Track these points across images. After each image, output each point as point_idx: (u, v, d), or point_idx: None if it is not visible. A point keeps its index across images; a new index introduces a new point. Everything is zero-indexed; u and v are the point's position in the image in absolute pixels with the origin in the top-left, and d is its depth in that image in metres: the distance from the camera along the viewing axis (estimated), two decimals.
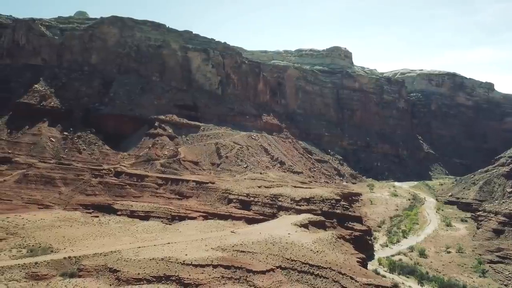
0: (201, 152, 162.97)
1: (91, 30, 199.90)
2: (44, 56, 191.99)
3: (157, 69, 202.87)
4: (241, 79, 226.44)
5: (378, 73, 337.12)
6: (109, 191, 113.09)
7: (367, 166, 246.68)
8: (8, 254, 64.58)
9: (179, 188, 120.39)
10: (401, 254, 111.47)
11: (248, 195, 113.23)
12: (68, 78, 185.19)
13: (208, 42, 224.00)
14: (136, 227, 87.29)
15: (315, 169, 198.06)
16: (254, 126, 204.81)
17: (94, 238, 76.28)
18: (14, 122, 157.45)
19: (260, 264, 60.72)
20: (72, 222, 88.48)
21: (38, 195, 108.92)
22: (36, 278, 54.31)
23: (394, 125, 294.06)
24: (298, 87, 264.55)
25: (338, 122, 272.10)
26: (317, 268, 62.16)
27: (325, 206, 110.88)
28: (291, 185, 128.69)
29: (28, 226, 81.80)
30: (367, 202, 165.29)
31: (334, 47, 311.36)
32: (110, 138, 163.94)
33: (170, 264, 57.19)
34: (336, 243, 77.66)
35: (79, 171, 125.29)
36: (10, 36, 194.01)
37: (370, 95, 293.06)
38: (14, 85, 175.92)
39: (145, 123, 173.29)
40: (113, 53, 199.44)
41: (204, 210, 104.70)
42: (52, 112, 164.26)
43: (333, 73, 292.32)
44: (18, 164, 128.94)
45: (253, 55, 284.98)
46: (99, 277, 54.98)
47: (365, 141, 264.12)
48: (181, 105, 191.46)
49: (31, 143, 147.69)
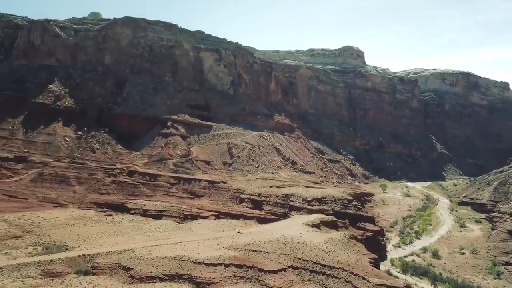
0: (213, 151, 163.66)
1: (104, 30, 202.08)
2: (58, 57, 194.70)
3: (169, 69, 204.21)
4: (253, 79, 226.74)
5: (390, 72, 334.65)
6: (122, 190, 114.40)
7: (380, 166, 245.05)
8: (24, 252, 65.70)
9: (191, 188, 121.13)
10: (414, 255, 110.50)
11: (259, 194, 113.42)
12: (82, 78, 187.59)
13: (220, 42, 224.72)
14: (149, 226, 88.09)
15: (327, 169, 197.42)
16: (265, 126, 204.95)
17: (107, 237, 77.19)
18: (29, 122, 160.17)
19: (271, 264, 60.83)
20: (86, 220, 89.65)
21: (53, 193, 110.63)
22: (51, 275, 55.18)
23: (407, 125, 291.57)
24: (310, 87, 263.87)
25: (350, 121, 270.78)
26: (329, 268, 62.05)
27: (337, 206, 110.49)
28: (303, 185, 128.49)
29: (44, 224, 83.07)
30: (379, 203, 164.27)
31: (346, 46, 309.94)
32: (123, 138, 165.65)
33: (183, 263, 57.63)
34: (348, 243, 77.42)
35: (93, 170, 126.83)
36: (26, 37, 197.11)
37: (383, 95, 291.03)
38: (29, 85, 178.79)
39: (158, 123, 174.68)
40: (126, 54, 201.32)
41: (216, 210, 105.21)
42: (66, 112, 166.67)
43: (345, 72, 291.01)
44: (34, 163, 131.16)
45: (265, 55, 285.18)
46: (113, 275, 55.66)
47: (377, 141, 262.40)
48: (193, 105, 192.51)
49: (46, 142, 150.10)
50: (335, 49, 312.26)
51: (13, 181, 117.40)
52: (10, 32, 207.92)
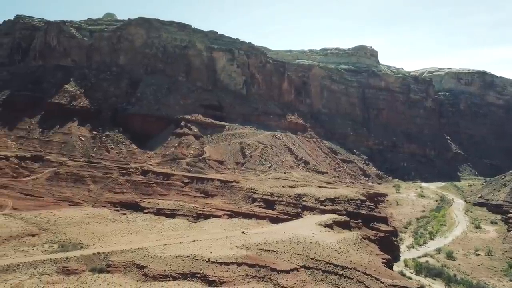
0: (226, 151, 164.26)
1: (119, 31, 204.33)
2: (74, 57, 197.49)
3: (183, 69, 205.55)
4: (266, 78, 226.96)
5: (404, 72, 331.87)
6: (136, 189, 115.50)
7: (393, 166, 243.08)
8: (40, 249, 66.85)
9: (204, 187, 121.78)
10: (428, 256, 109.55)
11: (272, 194, 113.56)
12: (97, 79, 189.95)
13: (233, 42, 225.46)
14: (162, 225, 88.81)
15: (340, 169, 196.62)
16: (278, 125, 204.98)
17: (122, 235, 78.05)
18: (46, 122, 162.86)
19: (284, 263, 60.94)
20: (100, 219, 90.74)
21: (68, 192, 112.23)
22: (67, 273, 56.06)
23: (421, 124, 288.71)
24: (323, 86, 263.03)
25: (363, 121, 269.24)
26: (342, 268, 61.95)
27: (350, 206, 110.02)
28: (316, 185, 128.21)
29: (59, 222, 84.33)
30: (393, 203, 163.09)
31: (359, 46, 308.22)
32: (137, 137, 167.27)
33: (195, 262, 58.09)
34: (361, 243, 77.13)
35: (107, 170, 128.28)
36: (42, 38, 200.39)
37: (397, 94, 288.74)
38: (46, 86, 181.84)
39: (171, 123, 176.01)
40: (140, 54, 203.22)
41: (228, 209, 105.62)
42: (81, 112, 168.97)
43: (359, 72, 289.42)
44: (50, 162, 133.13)
45: (277, 55, 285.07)
46: (127, 272, 56.37)
47: (391, 141, 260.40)
48: (206, 105, 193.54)
49: (62, 142, 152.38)
50: (349, 48, 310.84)
51: (30, 180, 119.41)
52: (27, 33, 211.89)
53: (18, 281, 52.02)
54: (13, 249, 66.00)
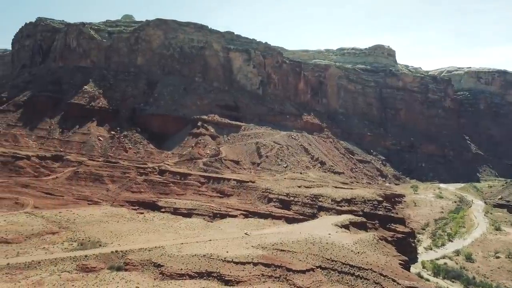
0: (241, 151, 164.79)
1: (137, 32, 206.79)
2: (93, 59, 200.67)
3: (199, 69, 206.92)
4: (282, 78, 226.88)
5: (423, 71, 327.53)
6: (153, 188, 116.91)
7: (411, 167, 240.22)
8: (60, 247, 68.19)
9: (220, 187, 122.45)
10: (446, 258, 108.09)
11: (288, 194, 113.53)
12: (115, 79, 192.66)
13: (249, 42, 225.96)
14: (179, 224, 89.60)
15: (357, 169, 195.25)
16: (294, 125, 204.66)
17: (139, 234, 79.05)
18: (65, 122, 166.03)
19: (300, 264, 60.95)
20: (118, 218, 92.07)
21: (87, 191, 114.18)
22: (86, 270, 57.12)
23: (440, 125, 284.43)
24: (339, 86, 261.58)
25: (381, 121, 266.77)
26: (358, 269, 61.65)
27: (366, 207, 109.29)
28: (332, 186, 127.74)
29: (79, 221, 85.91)
30: (410, 204, 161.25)
31: (376, 45, 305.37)
32: (154, 137, 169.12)
33: (212, 261, 58.54)
34: (377, 244, 76.60)
35: (125, 169, 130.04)
36: (63, 39, 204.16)
37: (415, 94, 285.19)
38: (65, 87, 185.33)
39: (188, 123, 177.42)
40: (158, 55, 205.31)
41: (244, 209, 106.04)
42: (100, 112, 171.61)
43: (376, 71, 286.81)
44: (69, 161, 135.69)
45: (294, 55, 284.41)
46: (144, 271, 57.12)
47: (409, 141, 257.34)
48: (222, 105, 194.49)
49: (81, 141, 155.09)
50: (366, 48, 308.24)
51: (50, 179, 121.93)
52: (48, 35, 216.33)
53: (39, 278, 53.23)
54: (34, 246, 67.52)
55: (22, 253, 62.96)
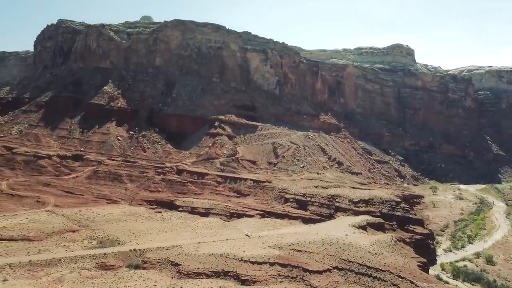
0: (258, 151, 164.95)
1: (155, 33, 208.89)
2: (112, 59, 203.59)
3: (217, 70, 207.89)
4: (299, 78, 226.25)
5: (442, 70, 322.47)
6: (171, 188, 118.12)
7: (430, 168, 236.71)
8: (80, 245, 69.48)
9: (237, 186, 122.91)
10: (466, 260, 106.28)
11: (304, 195, 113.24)
12: (134, 80, 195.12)
13: (266, 42, 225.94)
14: (196, 223, 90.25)
15: (375, 170, 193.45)
16: (311, 125, 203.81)
17: (157, 233, 79.95)
18: (85, 122, 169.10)
19: (316, 264, 60.84)
20: (137, 216, 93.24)
21: (106, 190, 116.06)
22: (105, 268, 58.13)
23: (460, 125, 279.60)
24: (357, 86, 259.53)
25: (399, 121, 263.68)
26: (375, 271, 61.26)
27: (384, 208, 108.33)
28: (349, 186, 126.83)
29: (98, 219, 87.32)
30: (429, 205, 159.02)
31: (395, 44, 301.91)
32: (172, 137, 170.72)
33: (228, 260, 58.90)
34: (395, 245, 75.96)
35: (143, 169, 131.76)
36: (83, 41, 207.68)
37: (434, 94, 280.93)
38: (85, 87, 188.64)
39: (206, 123, 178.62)
40: (176, 55, 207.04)
41: (261, 209, 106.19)
42: (119, 112, 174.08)
43: (394, 71, 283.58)
44: (89, 161, 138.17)
45: (311, 55, 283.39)
46: (162, 269, 57.83)
47: (428, 141, 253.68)
48: (239, 105, 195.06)
49: (101, 141, 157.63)
50: (384, 47, 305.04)
51: (71, 178, 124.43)
52: (68, 37, 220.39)
53: (59, 275, 54.39)
54: (55, 244, 68.95)
55: (43, 251, 64.39)
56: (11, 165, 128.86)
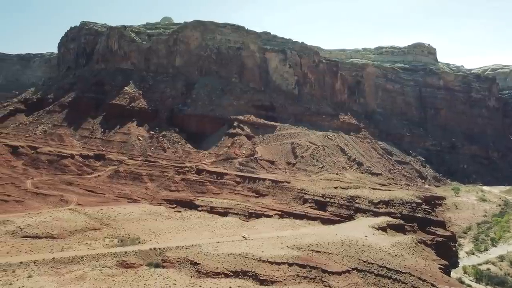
0: (277, 151, 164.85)
1: (175, 34, 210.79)
2: (133, 61, 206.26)
3: (236, 70, 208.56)
4: (318, 78, 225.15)
5: (465, 69, 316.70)
6: (191, 187, 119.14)
7: (452, 169, 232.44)
8: (102, 243, 70.63)
9: (256, 186, 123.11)
10: (489, 263, 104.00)
11: (324, 195, 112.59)
12: (154, 81, 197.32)
13: (285, 42, 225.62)
14: (215, 223, 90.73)
15: (395, 170, 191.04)
16: (330, 125, 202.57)
17: (176, 232, 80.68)
18: (107, 122, 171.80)
19: (335, 265, 60.46)
20: (157, 216, 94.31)
21: (127, 189, 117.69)
22: (126, 266, 58.92)
23: (483, 124, 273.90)
24: (377, 86, 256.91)
25: (420, 121, 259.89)
26: (395, 273, 60.51)
27: (405, 209, 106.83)
28: (369, 187, 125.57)
29: (119, 218, 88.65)
30: (451, 207, 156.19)
31: (416, 43, 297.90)
32: (192, 137, 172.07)
33: (247, 260, 59.01)
34: (416, 247, 74.92)
35: (163, 168, 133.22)
36: (105, 42, 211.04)
37: (456, 93, 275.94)
38: (107, 88, 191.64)
39: (225, 123, 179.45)
40: (195, 56, 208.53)
41: (280, 209, 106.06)
42: (140, 113, 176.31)
43: (416, 70, 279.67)
44: (110, 160, 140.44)
45: (331, 54, 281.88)
46: (181, 268, 58.30)
47: (450, 142, 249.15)
48: (258, 106, 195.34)
49: (122, 141, 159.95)
50: (405, 46, 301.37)
51: (93, 177, 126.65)
52: (91, 38, 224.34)
53: (82, 272, 55.40)
54: (77, 242, 70.29)
55: (66, 248, 65.71)
56: (35, 164, 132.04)
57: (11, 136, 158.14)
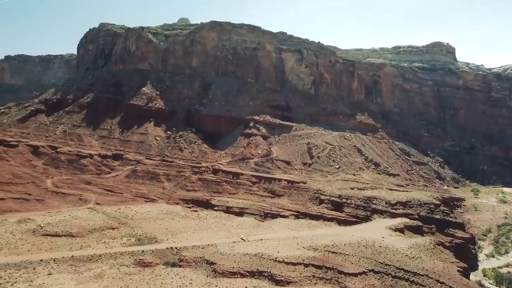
0: (293, 152, 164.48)
1: (192, 35, 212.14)
2: (151, 61, 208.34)
3: (252, 70, 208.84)
4: (335, 78, 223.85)
5: (485, 68, 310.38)
6: (207, 187, 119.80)
7: (472, 170, 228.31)
8: (119, 242, 71.67)
9: (271, 187, 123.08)
10: (510, 266, 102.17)
11: (340, 196, 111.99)
12: (171, 81, 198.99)
13: (302, 42, 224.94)
14: (231, 223, 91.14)
15: (413, 171, 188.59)
16: (347, 126, 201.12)
17: (193, 231, 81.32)
18: (125, 122, 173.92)
19: (352, 266, 60.17)
20: (174, 215, 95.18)
21: (144, 189, 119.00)
22: (143, 265, 59.72)
23: (504, 125, 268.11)
24: (395, 85, 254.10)
25: (439, 121, 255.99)
26: (413, 275, 59.92)
27: (422, 210, 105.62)
28: (386, 188, 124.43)
29: (136, 217, 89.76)
30: (470, 208, 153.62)
31: (435, 42, 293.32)
32: (208, 137, 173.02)
33: (263, 260, 59.15)
34: (434, 249, 73.98)
35: (180, 168, 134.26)
36: (123, 44, 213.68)
37: (476, 93, 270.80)
38: (125, 89, 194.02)
39: (241, 123, 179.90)
40: (212, 56, 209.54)
41: (295, 209, 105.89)
42: (157, 113, 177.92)
43: (434, 70, 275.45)
44: (128, 160, 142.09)
45: (347, 54, 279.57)
46: (197, 268, 58.80)
47: (469, 142, 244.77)
48: (274, 106, 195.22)
49: (139, 141, 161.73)
50: (423, 45, 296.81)
51: (111, 177, 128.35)
52: (109, 40, 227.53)
53: (100, 270, 56.35)
54: (95, 240, 71.43)
55: (85, 247, 66.85)
56: (55, 163, 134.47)
57: (32, 136, 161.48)
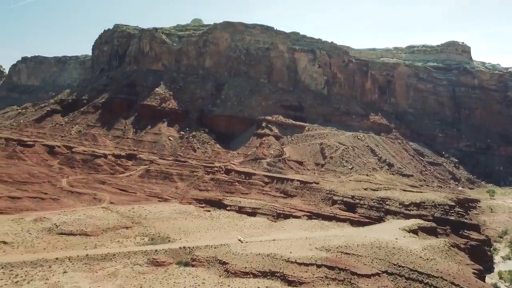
0: (305, 152, 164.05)
1: (205, 36, 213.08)
2: (164, 62, 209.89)
3: (265, 71, 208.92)
4: (348, 78, 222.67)
5: (501, 68, 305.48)
6: (220, 187, 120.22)
7: (487, 170, 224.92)
8: (133, 241, 72.41)
9: (284, 187, 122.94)
10: None
11: (353, 197, 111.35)
12: (184, 82, 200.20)
13: (315, 42, 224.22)
14: (244, 223, 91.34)
15: (427, 172, 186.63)
16: (360, 126, 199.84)
17: (205, 231, 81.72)
18: (138, 122, 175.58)
19: (365, 268, 59.84)
20: (186, 215, 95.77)
21: (158, 189, 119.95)
22: (156, 264, 60.24)
23: None
24: (409, 85, 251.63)
25: (454, 122, 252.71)
26: (427, 277, 59.35)
27: (437, 211, 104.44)
28: (400, 189, 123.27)
29: (150, 217, 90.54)
30: (486, 210, 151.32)
31: (449, 41, 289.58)
32: (221, 138, 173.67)
33: (275, 261, 59.17)
34: (449, 251, 73.16)
35: (193, 168, 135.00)
36: (137, 44, 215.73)
37: (492, 93, 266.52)
38: (139, 89, 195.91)
39: (253, 123, 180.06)
40: (225, 57, 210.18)
41: (308, 210, 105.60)
42: (170, 113, 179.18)
43: (449, 69, 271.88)
44: (142, 160, 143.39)
45: (361, 54, 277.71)
46: (210, 267, 59.10)
47: (485, 143, 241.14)
48: (287, 106, 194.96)
49: (153, 141, 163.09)
50: (437, 45, 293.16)
51: (124, 177, 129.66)
52: (123, 41, 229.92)
53: (114, 269, 57.00)
54: (110, 239, 72.26)
55: (99, 246, 67.65)
56: (70, 163, 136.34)
57: (48, 136, 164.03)
